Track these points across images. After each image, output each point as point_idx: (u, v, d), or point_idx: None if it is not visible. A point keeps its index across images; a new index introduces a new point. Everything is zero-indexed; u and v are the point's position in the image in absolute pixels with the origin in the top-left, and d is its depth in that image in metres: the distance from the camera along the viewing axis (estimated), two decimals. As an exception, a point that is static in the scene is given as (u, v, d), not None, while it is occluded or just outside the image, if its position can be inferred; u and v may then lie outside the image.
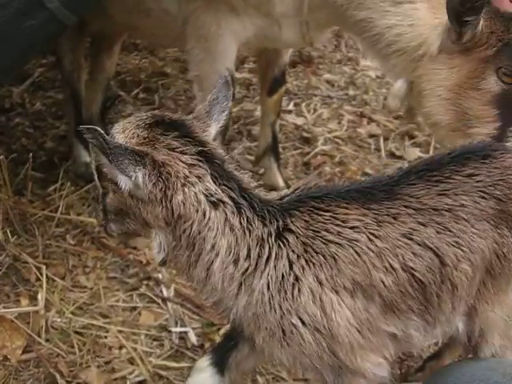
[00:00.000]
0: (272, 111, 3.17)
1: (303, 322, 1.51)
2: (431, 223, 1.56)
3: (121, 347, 2.34)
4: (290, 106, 4.00)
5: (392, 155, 3.55)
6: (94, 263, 2.70)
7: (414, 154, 3.53)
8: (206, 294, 1.58)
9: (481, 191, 1.62)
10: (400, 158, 3.52)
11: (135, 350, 2.32)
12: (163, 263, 1.56)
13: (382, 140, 3.65)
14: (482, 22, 2.12)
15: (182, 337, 2.39)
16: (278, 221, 1.52)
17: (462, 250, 1.58)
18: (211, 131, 1.55)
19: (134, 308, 2.51)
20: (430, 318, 1.62)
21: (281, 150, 3.37)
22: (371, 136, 3.70)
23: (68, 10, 2.25)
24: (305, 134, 3.69)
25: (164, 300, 2.52)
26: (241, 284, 1.52)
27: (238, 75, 4.29)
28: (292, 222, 1.53)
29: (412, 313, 1.59)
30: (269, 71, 3.10)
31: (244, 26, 2.56)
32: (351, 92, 4.22)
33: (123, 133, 1.48)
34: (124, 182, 1.43)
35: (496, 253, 1.65)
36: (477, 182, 1.63)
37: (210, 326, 2.41)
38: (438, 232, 1.57)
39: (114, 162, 1.39)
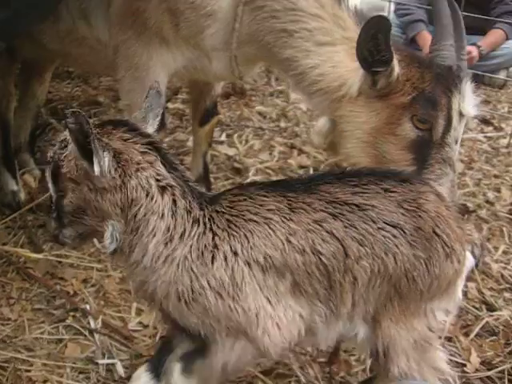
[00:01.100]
0: (204, 142, 3.20)
1: (210, 286, 1.68)
2: (341, 217, 1.72)
3: (45, 381, 2.27)
4: (223, 137, 4.04)
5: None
6: (18, 294, 2.63)
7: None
8: (136, 274, 1.72)
9: (395, 202, 1.75)
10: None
11: (60, 383, 2.26)
12: (114, 252, 1.70)
13: (311, 171, 3.73)
14: (397, 70, 2.22)
15: (110, 369, 2.34)
16: (210, 204, 1.74)
17: (364, 248, 1.72)
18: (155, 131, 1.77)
19: (60, 340, 2.44)
20: (333, 306, 1.76)
21: (212, 180, 3.40)
22: (301, 167, 3.76)
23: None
24: (236, 165, 3.72)
25: (91, 331, 2.47)
26: (166, 257, 1.69)
27: (170, 105, 4.33)
28: (220, 204, 1.75)
29: (317, 297, 1.74)
30: (201, 102, 3.14)
31: (174, 57, 2.59)
32: (282, 124, 4.31)
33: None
34: (97, 166, 1.57)
35: (406, 274, 1.74)
36: (391, 196, 1.76)
37: (139, 357, 2.38)
38: (345, 226, 1.72)
39: (93, 145, 1.54)
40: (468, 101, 2.22)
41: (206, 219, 1.71)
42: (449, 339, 2.57)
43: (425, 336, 1.84)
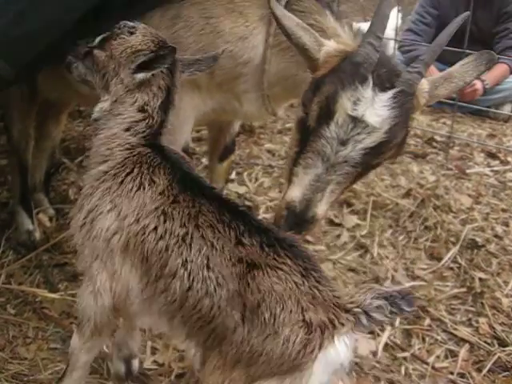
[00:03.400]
0: (221, 178, 3.29)
1: (87, 216, 1.90)
2: (193, 248, 1.73)
3: (62, 420, 2.30)
4: (233, 175, 4.09)
5: (331, 222, 3.67)
6: (35, 334, 2.66)
7: (351, 221, 3.67)
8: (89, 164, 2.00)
9: (235, 258, 1.69)
10: (339, 225, 3.64)
11: (77, 422, 2.28)
12: (95, 121, 2.00)
13: (321, 208, 3.76)
14: (324, 51, 2.23)
15: (127, 408, 2.37)
16: (143, 144, 1.93)
17: (184, 274, 1.72)
18: (183, 76, 2.08)
19: (76, 379, 2.47)
20: (149, 293, 1.81)
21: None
22: (311, 204, 3.80)
23: (7, 64, 2.29)
24: (247, 203, 3.77)
25: (108, 370, 2.50)
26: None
27: (182, 144, 4.39)
28: (148, 149, 1.91)
29: (136, 274, 1.83)
30: (221, 139, 3.22)
31: (204, 101, 2.67)
32: (291, 161, 4.36)
33: (143, 36, 1.98)
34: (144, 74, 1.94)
35: (223, 330, 1.68)
36: (238, 251, 1.70)
37: (154, 395, 2.41)
38: (180, 245, 1.74)
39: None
40: (365, 106, 2.06)
41: (124, 150, 1.91)
42: (461, 375, 2.59)
43: None
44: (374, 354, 2.65)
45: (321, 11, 2.48)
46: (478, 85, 5.31)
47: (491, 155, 4.80)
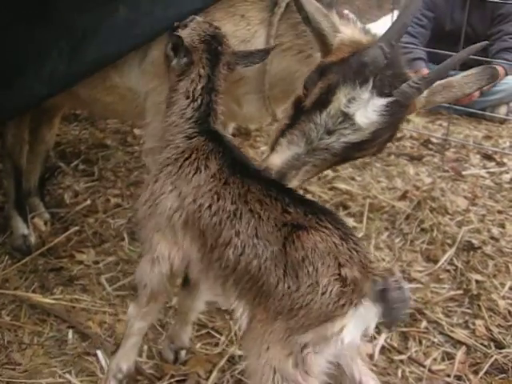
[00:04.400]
0: None
1: (150, 186, 2.15)
2: (243, 221, 1.93)
3: (57, 425, 2.30)
4: (229, 178, 4.07)
5: (327, 224, 3.66)
6: (30, 339, 2.65)
7: (348, 223, 3.66)
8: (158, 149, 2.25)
9: (280, 223, 1.88)
10: (335, 227, 3.64)
11: (73, 428, 2.28)
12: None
13: (317, 210, 3.76)
14: (339, 37, 2.29)
15: (123, 412, 2.36)
16: (199, 131, 2.15)
17: (237, 240, 1.92)
18: (238, 68, 2.32)
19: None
20: (204, 262, 2.03)
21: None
22: (307, 206, 3.80)
23: None
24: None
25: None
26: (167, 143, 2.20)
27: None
28: (203, 137, 2.13)
29: (195, 243, 2.05)
30: None
31: None
32: (287, 164, 4.35)
33: (191, 30, 2.26)
34: (176, 60, 2.23)
35: (270, 288, 1.84)
36: (283, 217, 1.90)
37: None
38: (234, 214, 1.94)
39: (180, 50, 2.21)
40: (358, 106, 2.11)
41: (187, 135, 2.14)
42: (458, 378, 2.59)
43: (286, 369, 1.81)
44: (371, 356, 2.65)
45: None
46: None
47: (487, 157, 4.81)
